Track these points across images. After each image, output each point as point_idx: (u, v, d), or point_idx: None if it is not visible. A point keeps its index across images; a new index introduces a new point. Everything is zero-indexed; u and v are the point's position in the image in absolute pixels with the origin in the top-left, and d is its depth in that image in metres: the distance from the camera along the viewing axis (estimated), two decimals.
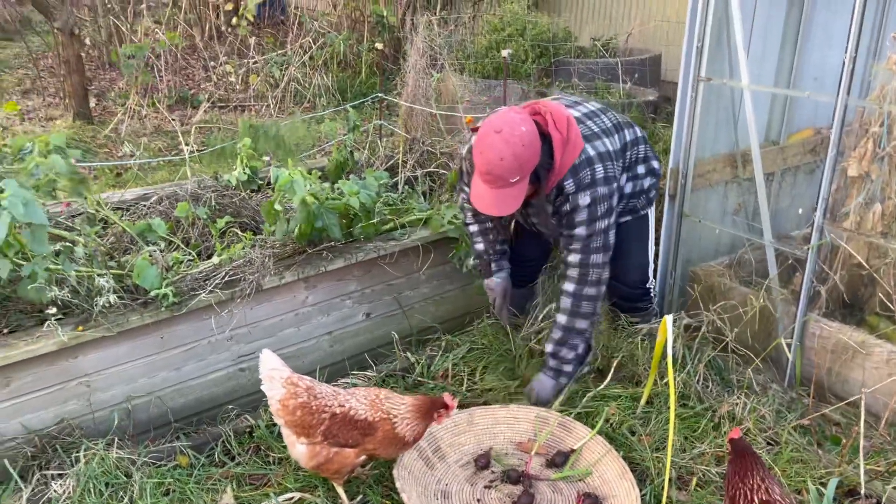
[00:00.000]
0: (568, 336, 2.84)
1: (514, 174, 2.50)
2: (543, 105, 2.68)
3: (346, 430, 2.36)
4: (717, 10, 3.17)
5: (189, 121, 7.09)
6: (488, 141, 2.49)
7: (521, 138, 2.48)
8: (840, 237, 3.13)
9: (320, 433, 2.34)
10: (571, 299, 2.79)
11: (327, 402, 2.38)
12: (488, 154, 2.48)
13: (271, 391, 2.39)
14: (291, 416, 2.35)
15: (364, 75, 8.54)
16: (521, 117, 2.55)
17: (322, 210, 3.02)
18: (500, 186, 2.53)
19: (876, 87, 3.04)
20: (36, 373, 2.56)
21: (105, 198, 3.51)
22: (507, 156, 2.46)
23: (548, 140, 2.59)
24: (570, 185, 2.67)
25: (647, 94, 6.94)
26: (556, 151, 2.60)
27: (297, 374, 2.44)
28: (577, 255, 2.76)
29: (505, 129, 2.48)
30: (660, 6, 8.50)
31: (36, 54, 8.93)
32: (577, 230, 2.72)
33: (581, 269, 2.77)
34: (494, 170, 2.48)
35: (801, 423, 2.84)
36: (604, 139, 2.78)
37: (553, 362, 2.89)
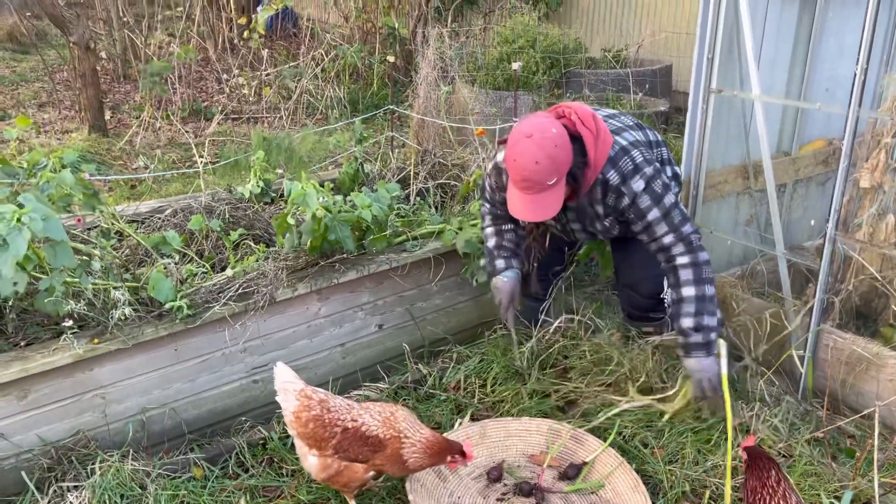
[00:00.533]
0: (703, 305, 2.67)
1: (550, 176, 2.49)
2: (566, 107, 2.68)
3: (357, 445, 2.36)
4: (728, 22, 3.18)
5: (202, 133, 7.16)
6: (521, 147, 2.48)
7: (554, 140, 2.48)
8: (853, 248, 3.12)
9: (331, 447, 2.36)
10: (691, 269, 2.67)
11: (340, 415, 2.39)
12: (522, 160, 2.48)
13: (285, 403, 2.41)
14: (304, 429, 2.37)
15: (376, 87, 8.59)
16: (549, 120, 2.55)
17: (335, 223, 3.04)
18: (537, 191, 2.52)
19: (888, 98, 3.04)
20: (52, 385, 2.59)
21: (120, 210, 3.56)
22: (542, 158, 2.45)
23: (578, 139, 2.58)
24: (615, 177, 2.65)
25: (658, 105, 6.95)
26: (589, 148, 2.58)
27: (311, 386, 2.46)
28: (669, 237, 2.67)
29: (535, 133, 2.48)
30: (670, 17, 8.53)
31: (52, 67, 9.06)
32: (649, 215, 2.67)
33: (683, 242, 2.68)
34: (531, 175, 2.47)
35: (815, 436, 2.82)
36: (630, 132, 2.81)
37: (698, 336, 2.66)
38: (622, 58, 7.93)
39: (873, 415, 2.54)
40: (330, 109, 7.46)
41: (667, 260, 2.75)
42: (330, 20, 10.55)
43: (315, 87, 7.65)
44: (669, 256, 2.74)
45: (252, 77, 8.02)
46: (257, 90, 7.94)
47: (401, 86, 7.95)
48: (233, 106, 7.88)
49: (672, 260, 2.73)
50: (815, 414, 3.00)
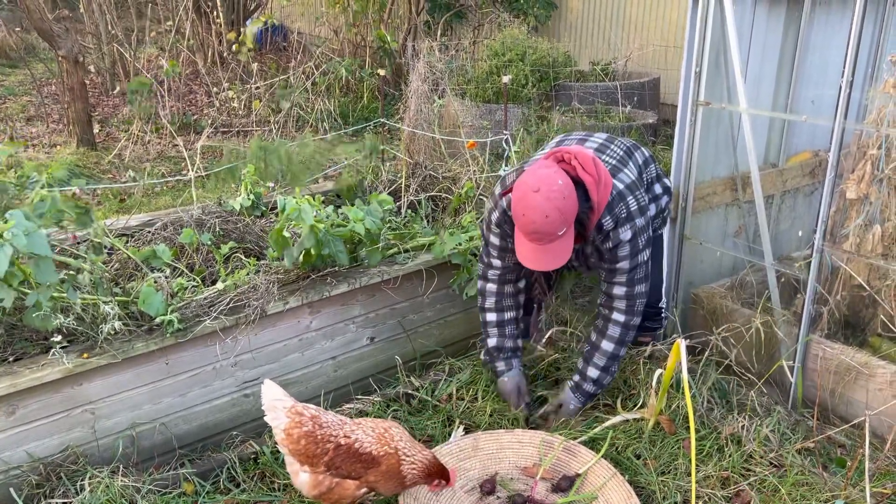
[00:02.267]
0: (612, 363, 2.91)
1: (560, 227, 2.51)
2: (566, 152, 2.69)
3: (350, 461, 2.34)
4: (715, 36, 3.22)
5: (192, 146, 7.16)
6: (529, 202, 2.49)
7: (561, 192, 2.49)
8: (840, 259, 3.15)
9: (323, 463, 2.33)
10: (620, 329, 2.85)
11: (332, 431, 2.37)
12: (531, 215, 2.48)
13: (275, 421, 2.37)
14: (296, 446, 2.34)
15: (366, 100, 8.62)
16: (553, 171, 2.56)
17: (329, 237, 3.04)
18: (548, 242, 2.54)
19: (873, 111, 3.08)
20: (41, 400, 2.56)
21: (109, 224, 3.54)
22: (551, 212, 2.47)
23: (580, 185, 2.60)
24: (609, 222, 2.68)
25: (646, 118, 7.00)
26: (592, 193, 2.61)
27: (301, 402, 2.44)
28: (622, 288, 2.80)
29: (542, 186, 2.48)
30: (658, 31, 8.62)
31: (40, 81, 9.04)
32: (620, 264, 2.75)
33: (628, 301, 2.82)
34: (541, 228, 2.48)
35: (806, 446, 2.83)
36: (624, 170, 2.82)
37: (591, 387, 2.94)
38: (610, 71, 7.99)
39: (863, 424, 2.56)
40: (320, 122, 7.48)
41: (605, 305, 2.88)
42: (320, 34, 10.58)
43: (305, 101, 7.67)
44: (610, 306, 2.86)
45: (242, 90, 8.03)
46: (247, 103, 7.94)
47: (391, 99, 7.98)
48: (222, 119, 7.88)
49: (610, 311, 2.86)
50: (806, 424, 3.02)
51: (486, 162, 4.32)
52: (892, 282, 3.08)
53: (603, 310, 2.89)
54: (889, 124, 2.96)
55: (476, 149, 4.38)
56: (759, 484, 2.63)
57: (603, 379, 2.93)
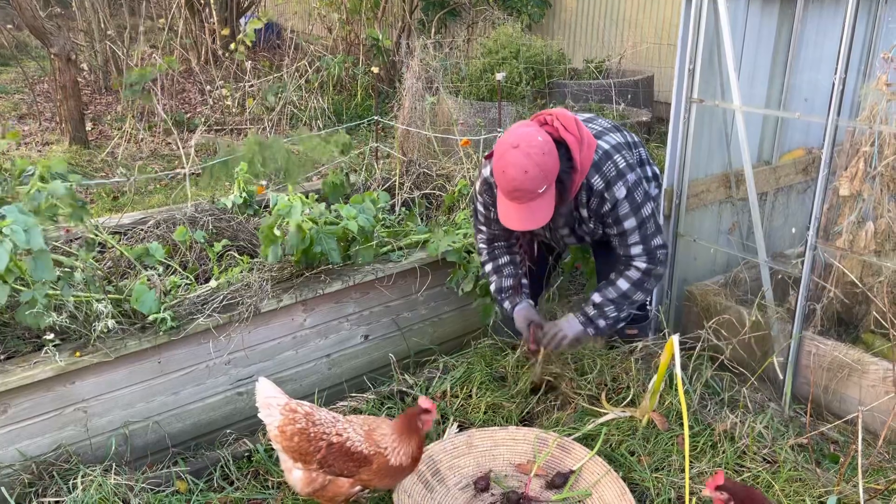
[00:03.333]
0: (622, 301, 2.86)
1: (540, 184, 2.50)
2: (548, 114, 2.69)
3: (342, 460, 2.34)
4: (708, 33, 3.22)
5: (186, 144, 7.13)
6: (508, 158, 2.49)
7: (541, 147, 2.49)
8: (833, 256, 3.15)
9: (316, 461, 2.33)
10: (641, 274, 2.82)
11: (325, 429, 2.36)
12: (511, 171, 2.48)
13: (269, 418, 2.37)
14: (289, 443, 2.34)
15: (360, 98, 8.60)
16: (534, 129, 2.57)
17: (320, 235, 3.04)
18: (528, 200, 2.52)
19: (866, 108, 3.08)
20: (33, 399, 2.55)
21: (102, 222, 3.53)
22: (531, 167, 2.46)
23: (563, 145, 2.60)
24: (599, 182, 2.67)
25: (640, 115, 7.01)
26: (574, 152, 2.60)
27: (295, 399, 2.43)
28: (638, 247, 2.78)
29: (521, 142, 2.48)
30: (651, 28, 8.63)
31: (32, 79, 8.99)
32: (626, 223, 2.73)
33: (649, 255, 2.79)
34: (521, 185, 2.48)
35: (799, 442, 2.84)
36: (610, 135, 2.83)
37: (593, 311, 2.88)
38: (604, 68, 8.00)
39: (856, 420, 2.56)
40: (314, 120, 7.46)
41: (626, 259, 2.85)
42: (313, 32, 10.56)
43: (298, 98, 7.65)
44: (631, 260, 2.84)
45: (235, 88, 8.01)
46: (240, 101, 7.92)
47: (385, 97, 7.97)
48: (216, 117, 7.85)
49: (631, 261, 2.84)
50: (799, 420, 3.02)
51: (479, 160, 4.32)
52: (885, 279, 3.09)
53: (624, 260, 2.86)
54: (882, 121, 2.96)
55: (470, 146, 4.38)
56: (752, 480, 2.63)
57: (605, 307, 2.86)
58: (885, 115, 2.97)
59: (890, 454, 2.79)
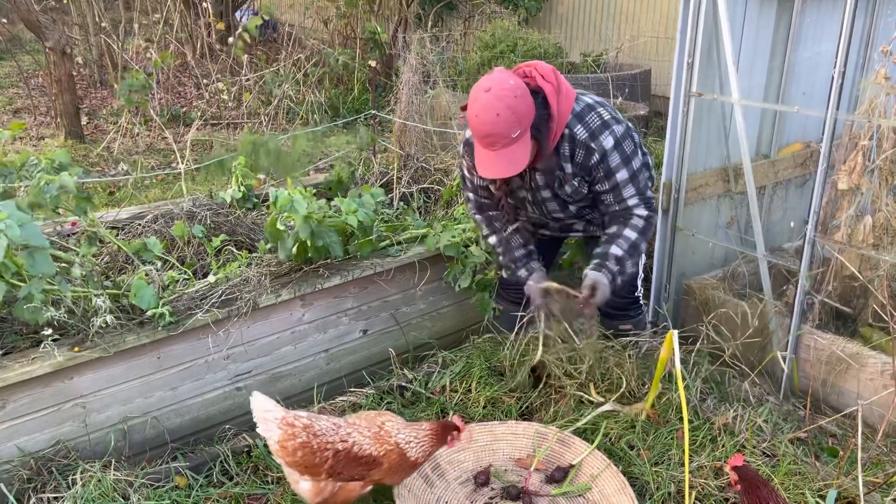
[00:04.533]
0: (633, 252, 2.79)
1: (513, 128, 2.46)
2: (527, 65, 2.65)
3: (351, 466, 2.28)
4: (707, 27, 3.22)
5: (182, 139, 7.10)
6: (481, 101, 2.45)
7: (513, 90, 2.45)
8: (832, 249, 3.16)
9: (324, 471, 2.27)
10: (644, 222, 2.77)
11: (328, 438, 2.28)
12: (483, 114, 2.44)
13: (268, 433, 2.29)
14: (293, 458, 2.26)
15: (357, 92, 8.58)
16: (506, 73, 2.53)
17: (323, 229, 3.03)
18: (503, 146, 2.48)
19: (864, 101, 3.09)
20: (31, 394, 2.54)
21: (100, 217, 3.51)
22: (502, 109, 2.42)
23: (540, 94, 2.56)
24: (582, 132, 2.63)
25: (638, 109, 7.00)
26: (551, 100, 2.57)
27: (292, 412, 2.35)
28: (635, 198, 2.73)
29: (493, 86, 2.45)
30: (649, 22, 8.61)
31: (27, 73, 8.94)
32: (617, 175, 2.68)
33: (646, 204, 2.76)
34: (494, 129, 2.44)
35: (798, 436, 2.85)
36: (597, 98, 2.78)
37: (615, 266, 2.77)
38: (602, 62, 7.98)
39: (855, 414, 2.57)
40: (311, 114, 7.43)
41: (624, 211, 2.78)
42: (310, 25, 10.52)
43: (295, 93, 7.62)
44: (629, 211, 2.78)
45: (232, 82, 7.97)
46: (237, 95, 7.89)
47: (382, 90, 7.94)
48: (212, 111, 7.82)
49: (630, 212, 2.77)
50: (798, 414, 3.03)
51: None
52: (884, 272, 3.10)
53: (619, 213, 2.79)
54: (880, 114, 2.97)
55: None
56: None
57: (625, 261, 2.77)
58: (883, 109, 2.97)
59: (888, 448, 2.80)
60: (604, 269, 2.78)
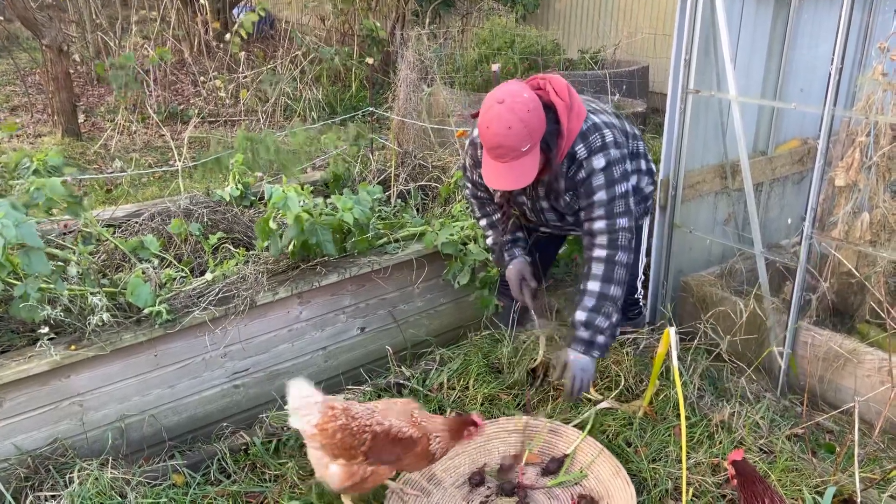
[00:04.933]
0: (602, 303, 2.66)
1: (524, 142, 2.45)
2: (541, 78, 2.65)
3: (389, 447, 2.33)
4: (704, 23, 3.21)
5: (179, 136, 7.09)
6: (493, 112, 2.44)
7: (526, 104, 2.45)
8: (829, 246, 3.16)
9: (361, 453, 2.30)
10: (604, 265, 2.67)
11: (366, 421, 2.33)
12: (495, 126, 2.43)
13: (306, 417, 2.30)
14: (331, 440, 2.29)
15: (354, 89, 8.56)
16: (521, 86, 2.53)
17: (316, 226, 3.02)
18: (512, 158, 2.48)
19: (862, 98, 3.08)
20: (28, 393, 2.54)
21: (96, 215, 3.50)
22: (514, 123, 2.42)
23: (552, 109, 2.56)
24: (582, 150, 2.63)
25: (635, 106, 6.99)
26: (562, 116, 2.56)
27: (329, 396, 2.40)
28: (602, 222, 2.67)
29: (507, 98, 2.44)
30: (646, 18, 8.60)
31: (24, 71, 8.92)
32: (597, 195, 2.65)
33: (610, 235, 2.67)
34: (504, 141, 2.44)
35: (795, 432, 2.85)
36: (606, 115, 2.78)
37: (586, 333, 2.68)
38: (599, 59, 7.98)
39: (852, 410, 2.57)
40: (308, 112, 7.42)
41: (588, 246, 2.74)
42: (308, 22, 10.50)
43: (293, 90, 7.61)
44: (591, 244, 2.71)
45: (229, 80, 7.96)
46: (234, 93, 7.87)
47: (380, 88, 7.93)
48: (209, 109, 7.81)
49: (591, 249, 2.71)
50: (795, 410, 3.03)
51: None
52: (881, 269, 3.10)
53: (586, 251, 2.74)
54: (878, 111, 2.96)
55: (466, 138, 4.36)
56: None
57: (594, 320, 2.66)
58: (881, 105, 2.96)
59: (886, 444, 2.81)
60: (575, 344, 2.71)
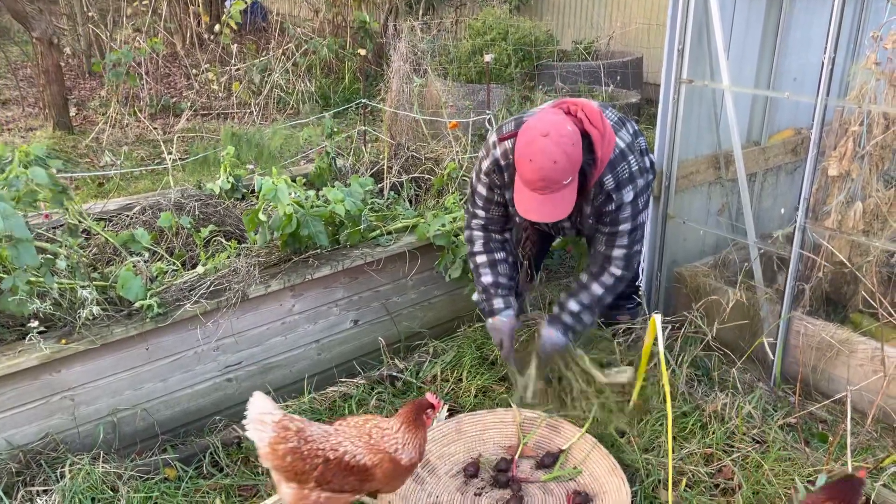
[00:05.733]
0: (595, 305, 2.87)
1: (567, 175, 2.46)
2: (572, 103, 2.64)
3: (342, 476, 2.19)
4: (698, 13, 3.20)
5: (171, 129, 7.05)
6: (538, 146, 2.42)
7: (570, 138, 2.45)
8: (822, 236, 3.15)
9: (313, 479, 2.18)
10: (614, 280, 2.84)
11: (319, 445, 2.20)
12: (540, 160, 2.41)
13: (260, 434, 2.21)
14: (281, 462, 2.19)
15: (347, 81, 8.53)
16: (561, 117, 2.52)
17: (307, 218, 3.01)
18: (553, 191, 2.47)
19: (855, 87, 3.07)
20: (19, 387, 2.52)
21: (87, 208, 3.49)
22: (560, 158, 2.41)
23: (586, 137, 2.56)
24: (610, 182, 2.64)
25: (629, 97, 6.98)
26: (597, 147, 2.56)
27: (289, 415, 2.28)
28: (622, 250, 2.78)
29: (552, 131, 2.43)
30: (640, 9, 8.57)
31: (14, 64, 8.86)
32: (622, 226, 2.73)
33: (626, 261, 2.81)
34: (549, 175, 2.42)
35: (788, 422, 2.86)
36: (622, 131, 2.79)
37: (569, 320, 2.87)
38: (593, 50, 7.95)
39: (845, 400, 2.58)
40: (301, 104, 7.38)
41: (604, 260, 2.83)
42: (300, 14, 10.44)
43: (286, 82, 7.56)
44: (608, 262, 2.83)
45: (221, 72, 7.91)
46: (227, 85, 7.83)
47: (373, 79, 7.90)
48: (202, 102, 7.76)
49: (608, 264, 2.83)
50: (788, 400, 3.04)
51: (468, 142, 4.29)
52: (874, 258, 3.10)
53: (599, 262, 2.84)
54: (871, 100, 2.95)
55: (459, 129, 4.34)
56: (742, 460, 2.65)
57: (582, 314, 2.86)
58: (873, 95, 2.96)
59: (878, 433, 2.81)
60: (556, 323, 2.88)
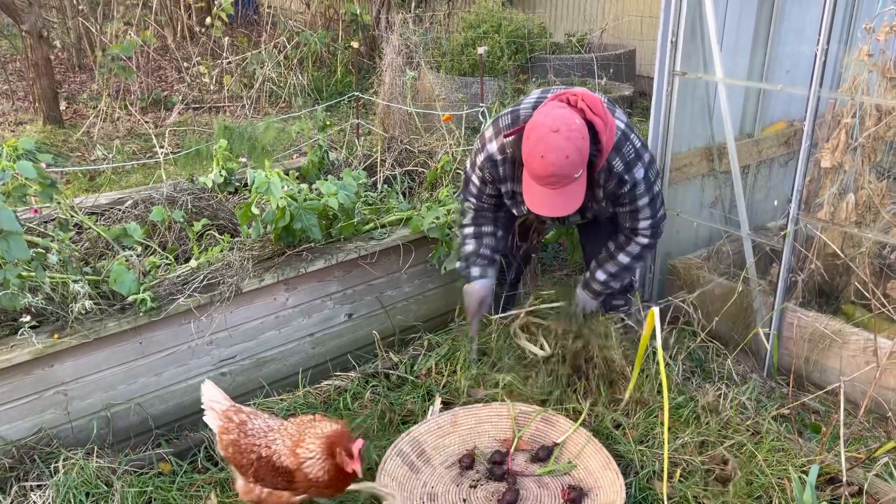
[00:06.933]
0: (622, 273, 2.97)
1: (578, 169, 2.46)
2: (572, 94, 2.62)
3: (271, 475, 2.16)
4: (691, 5, 3.20)
5: (163, 123, 7.01)
6: (549, 143, 2.41)
7: (580, 132, 2.44)
8: (815, 227, 3.17)
9: (251, 474, 2.19)
10: (641, 248, 2.89)
11: (256, 441, 2.19)
12: (552, 156, 2.40)
13: (211, 423, 2.26)
14: (225, 452, 2.22)
15: (340, 74, 8.50)
16: (568, 111, 2.51)
17: (301, 211, 3.00)
18: (564, 185, 2.47)
19: (847, 79, 3.08)
20: (11, 382, 2.51)
21: (79, 202, 3.46)
22: (572, 152, 2.41)
23: (591, 127, 2.54)
24: (619, 164, 2.65)
25: (622, 90, 6.98)
26: (602, 135, 2.56)
27: (236, 406, 2.28)
28: (647, 221, 2.81)
29: (562, 127, 2.42)
30: (633, 1, 8.56)
31: (4, 57, 8.79)
32: (640, 201, 2.74)
33: (653, 229, 2.85)
34: (560, 170, 2.42)
35: (782, 412, 2.87)
36: (617, 111, 2.80)
37: (599, 287, 3.01)
38: (586, 42, 7.95)
39: (837, 390, 2.59)
40: (293, 97, 7.35)
41: (631, 232, 2.87)
42: (291, 7, 10.39)
43: (278, 75, 7.53)
44: (635, 233, 2.86)
45: (213, 65, 7.87)
46: (218, 79, 7.79)
47: (365, 72, 7.87)
48: (193, 95, 7.72)
49: (635, 235, 2.87)
50: (781, 391, 3.05)
51: (462, 135, 4.28)
52: (866, 249, 3.11)
53: (626, 233, 2.89)
54: (863, 92, 2.96)
55: (452, 122, 4.33)
56: (737, 450, 2.66)
57: (610, 281, 2.99)
58: (866, 86, 2.97)
59: (871, 424, 2.83)
60: (587, 290, 3.05)
